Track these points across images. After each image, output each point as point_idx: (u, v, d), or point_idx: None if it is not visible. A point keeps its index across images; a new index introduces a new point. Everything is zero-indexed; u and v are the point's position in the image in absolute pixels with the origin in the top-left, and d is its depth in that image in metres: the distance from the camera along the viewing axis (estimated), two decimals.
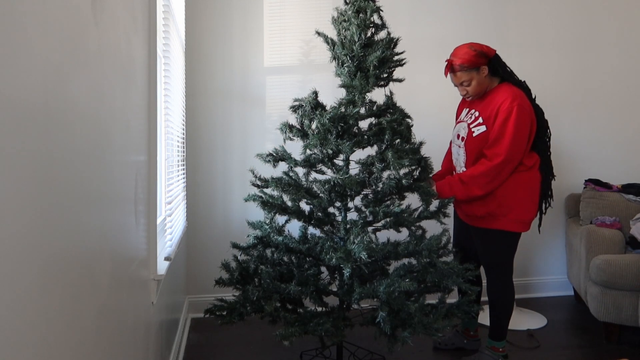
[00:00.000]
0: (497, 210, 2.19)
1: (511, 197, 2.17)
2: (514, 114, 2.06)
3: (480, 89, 2.19)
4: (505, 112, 2.08)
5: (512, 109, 2.06)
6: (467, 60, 2.14)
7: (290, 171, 2.14)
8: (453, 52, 2.21)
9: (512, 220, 2.19)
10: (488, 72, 2.17)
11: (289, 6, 3.11)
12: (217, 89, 3.05)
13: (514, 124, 2.06)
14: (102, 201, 1.03)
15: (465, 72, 2.15)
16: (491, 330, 2.31)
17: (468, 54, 2.14)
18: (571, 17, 3.41)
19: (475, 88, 2.18)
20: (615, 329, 2.62)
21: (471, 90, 2.19)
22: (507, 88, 2.15)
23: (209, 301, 3.10)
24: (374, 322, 1.97)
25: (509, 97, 2.10)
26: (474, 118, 2.24)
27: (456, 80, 2.20)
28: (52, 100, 0.75)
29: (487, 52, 2.16)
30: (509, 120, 2.07)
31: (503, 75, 2.20)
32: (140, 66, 1.47)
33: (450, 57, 2.21)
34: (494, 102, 2.16)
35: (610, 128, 3.48)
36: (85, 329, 0.91)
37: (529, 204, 2.20)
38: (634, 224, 2.85)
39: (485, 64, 2.16)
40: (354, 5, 2.09)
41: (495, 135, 2.11)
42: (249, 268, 2.09)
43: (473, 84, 2.17)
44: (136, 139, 1.42)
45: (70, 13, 0.83)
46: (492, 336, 2.31)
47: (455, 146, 2.35)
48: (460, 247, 2.49)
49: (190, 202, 3.06)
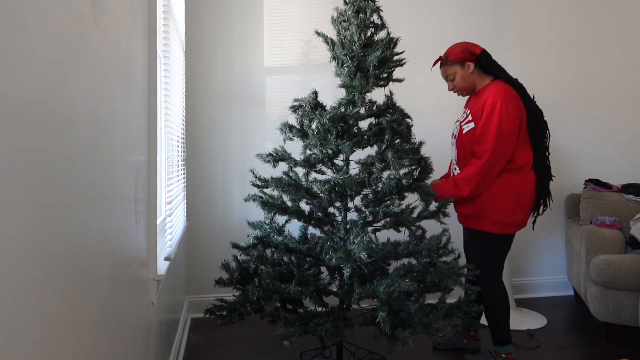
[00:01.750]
0: (479, 212, 2.19)
1: (495, 198, 2.16)
2: (497, 109, 2.10)
3: (464, 84, 2.27)
4: (490, 107, 2.12)
5: (496, 104, 2.11)
6: (452, 54, 2.26)
7: (290, 171, 2.14)
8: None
9: (494, 221, 2.17)
10: (474, 68, 2.25)
11: (289, 6, 3.11)
12: (217, 89, 3.05)
13: (497, 117, 2.09)
14: (102, 201, 1.03)
15: (449, 66, 2.27)
16: (491, 335, 2.31)
17: (454, 49, 2.27)
18: (571, 18, 3.41)
19: (460, 82, 2.27)
20: (615, 329, 2.62)
21: (456, 84, 2.29)
22: (496, 85, 2.19)
23: (209, 301, 3.10)
24: (374, 322, 1.97)
25: (493, 92, 2.15)
26: (465, 116, 2.28)
27: (443, 73, 2.33)
28: (52, 100, 0.75)
29: (472, 50, 2.25)
30: (492, 115, 2.11)
31: (495, 73, 2.24)
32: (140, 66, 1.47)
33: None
34: (482, 98, 2.20)
35: (610, 128, 3.48)
36: (85, 329, 0.91)
37: (515, 207, 2.16)
38: (634, 224, 2.85)
39: (471, 61, 2.24)
40: (353, 5, 2.09)
41: (480, 131, 2.14)
42: (249, 268, 2.09)
43: (457, 78, 2.27)
44: (136, 139, 1.42)
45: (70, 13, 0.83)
46: (494, 341, 2.30)
47: (451, 144, 2.36)
48: (464, 247, 2.50)
49: (190, 202, 3.06)
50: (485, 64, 2.24)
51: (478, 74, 2.26)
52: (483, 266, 2.24)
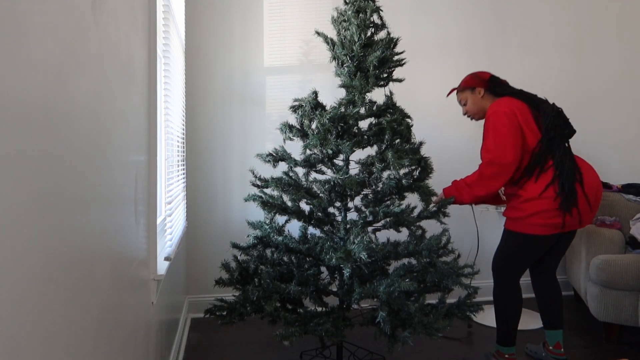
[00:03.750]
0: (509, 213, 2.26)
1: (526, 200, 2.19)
2: (491, 119, 2.22)
3: (475, 109, 2.41)
4: (486, 119, 2.26)
5: (490, 115, 2.23)
6: (464, 81, 2.43)
7: (290, 171, 2.14)
8: None
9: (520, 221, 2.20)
10: (484, 93, 2.39)
11: (289, 6, 3.11)
12: (217, 89, 3.05)
13: (492, 125, 2.20)
14: (102, 201, 1.03)
15: (461, 92, 2.44)
16: (497, 334, 2.30)
17: (466, 77, 2.45)
18: (572, 18, 3.41)
19: (471, 107, 2.41)
20: (615, 329, 2.61)
21: (468, 109, 2.42)
22: (496, 101, 2.28)
23: (209, 301, 3.10)
24: (374, 322, 1.97)
25: (491, 107, 2.26)
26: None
27: (457, 99, 2.49)
28: (52, 100, 0.75)
29: (481, 76, 2.42)
30: (487, 125, 2.23)
31: (503, 93, 2.34)
32: (140, 66, 1.47)
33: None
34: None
35: (611, 128, 3.48)
36: (85, 329, 0.91)
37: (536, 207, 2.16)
38: (634, 224, 2.85)
39: (481, 86, 2.38)
40: (353, 5, 2.09)
41: (483, 142, 2.26)
42: (249, 268, 2.09)
43: (468, 102, 2.41)
44: (136, 139, 1.42)
45: (70, 13, 0.83)
46: (499, 340, 2.30)
47: None
48: None
49: (190, 202, 3.05)
50: (494, 87, 2.36)
51: (489, 98, 2.38)
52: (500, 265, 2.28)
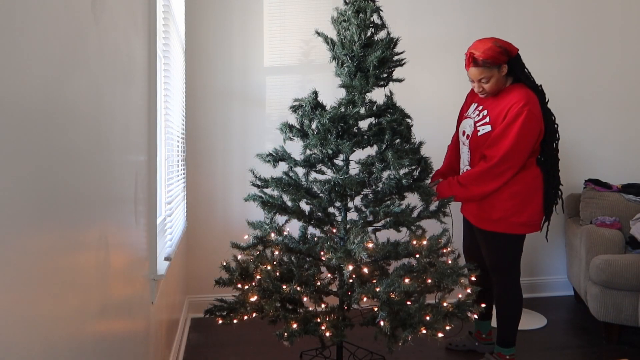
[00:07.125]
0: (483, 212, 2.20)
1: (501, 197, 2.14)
2: (521, 119, 1.98)
3: (496, 88, 2.10)
4: (514, 115, 1.99)
5: (522, 114, 1.98)
6: (491, 57, 2.04)
7: (290, 171, 2.14)
8: (474, 45, 2.11)
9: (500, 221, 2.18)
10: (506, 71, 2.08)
11: (289, 6, 3.11)
12: (217, 89, 3.05)
13: (519, 128, 1.99)
14: (102, 201, 1.03)
15: (487, 68, 2.05)
16: (498, 335, 2.30)
17: (492, 50, 2.04)
18: (572, 18, 3.41)
19: (493, 86, 2.09)
20: (615, 329, 2.61)
21: (488, 88, 2.10)
22: (521, 90, 2.06)
23: (209, 301, 3.10)
24: (374, 322, 1.97)
25: (521, 100, 2.01)
26: (481, 116, 2.16)
27: (475, 75, 2.10)
28: (52, 100, 0.75)
29: (510, 51, 2.07)
30: (514, 124, 2.00)
31: (519, 76, 2.11)
32: (140, 66, 1.47)
33: (471, 50, 2.10)
34: (504, 102, 2.07)
35: (611, 128, 3.48)
36: (85, 328, 0.91)
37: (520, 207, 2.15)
38: (634, 224, 2.85)
39: (507, 62, 2.06)
40: (353, 5, 2.09)
41: (497, 135, 2.04)
42: (249, 268, 2.09)
43: (492, 81, 2.08)
44: (136, 139, 1.42)
45: (70, 13, 0.83)
46: (499, 342, 2.30)
47: (461, 142, 2.32)
48: (464, 247, 2.53)
49: (190, 202, 3.05)
50: (515, 66, 2.09)
51: (507, 78, 2.11)
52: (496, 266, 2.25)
